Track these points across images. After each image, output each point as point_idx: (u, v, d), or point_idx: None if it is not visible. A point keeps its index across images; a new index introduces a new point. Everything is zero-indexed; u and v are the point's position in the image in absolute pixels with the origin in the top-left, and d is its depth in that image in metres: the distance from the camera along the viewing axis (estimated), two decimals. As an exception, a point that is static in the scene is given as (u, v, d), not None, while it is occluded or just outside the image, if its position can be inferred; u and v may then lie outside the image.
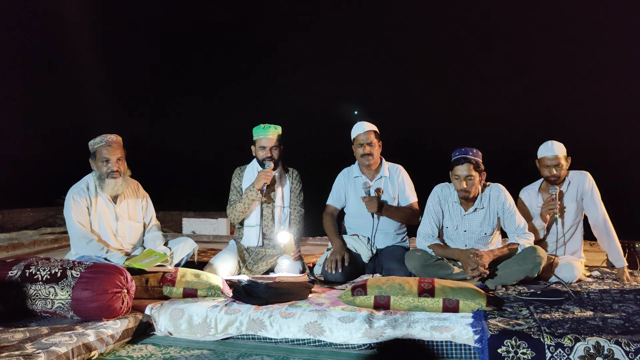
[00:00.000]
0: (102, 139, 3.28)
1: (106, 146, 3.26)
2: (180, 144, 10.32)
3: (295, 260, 3.49)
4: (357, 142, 3.57)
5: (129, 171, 3.39)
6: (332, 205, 3.72)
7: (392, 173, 3.65)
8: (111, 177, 3.26)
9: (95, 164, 3.30)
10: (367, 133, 3.53)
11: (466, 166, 3.10)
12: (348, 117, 9.68)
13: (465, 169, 3.10)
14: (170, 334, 2.61)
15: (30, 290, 2.53)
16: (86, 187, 3.31)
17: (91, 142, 3.32)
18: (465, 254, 3.07)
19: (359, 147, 3.56)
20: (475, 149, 3.18)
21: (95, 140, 3.30)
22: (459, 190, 3.18)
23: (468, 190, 3.14)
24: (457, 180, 3.16)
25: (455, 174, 3.16)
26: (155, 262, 3.04)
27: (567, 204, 3.40)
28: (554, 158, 3.32)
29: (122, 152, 3.33)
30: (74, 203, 3.24)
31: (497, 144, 7.49)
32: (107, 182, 3.27)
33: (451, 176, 3.22)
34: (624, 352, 1.98)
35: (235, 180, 3.67)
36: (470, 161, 3.10)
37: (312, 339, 2.44)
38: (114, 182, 3.27)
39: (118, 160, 3.28)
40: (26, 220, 8.09)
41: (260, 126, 3.52)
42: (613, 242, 3.34)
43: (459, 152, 3.18)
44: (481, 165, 3.16)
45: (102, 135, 3.30)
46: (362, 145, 3.53)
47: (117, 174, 3.26)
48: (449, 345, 2.32)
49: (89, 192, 3.30)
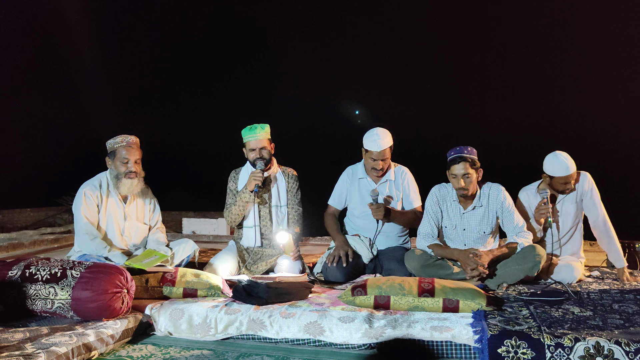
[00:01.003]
0: (123, 139, 3.31)
1: (127, 147, 3.30)
2: (181, 144, 10.33)
3: (294, 259, 3.48)
4: (369, 155, 3.46)
5: (144, 173, 3.41)
6: (332, 206, 3.71)
7: (398, 176, 3.62)
8: (128, 177, 3.30)
9: (113, 163, 3.33)
10: (382, 152, 3.42)
11: (463, 165, 3.11)
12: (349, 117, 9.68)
13: (462, 167, 3.11)
14: (170, 334, 2.61)
15: (30, 290, 2.53)
16: (99, 184, 3.35)
17: (111, 141, 3.34)
18: (464, 253, 3.07)
19: (371, 160, 3.46)
20: (470, 147, 3.19)
21: (116, 140, 3.32)
22: (457, 189, 3.18)
23: (466, 188, 3.15)
24: (454, 179, 3.16)
25: (452, 173, 3.17)
26: (156, 262, 3.04)
27: (567, 205, 3.39)
28: (570, 176, 3.24)
29: (140, 154, 3.37)
30: (84, 199, 3.27)
31: (497, 144, 7.49)
32: (124, 181, 3.30)
33: (448, 176, 3.23)
34: (624, 352, 1.98)
35: (231, 183, 3.67)
36: (467, 159, 3.11)
37: (312, 339, 2.44)
38: (130, 183, 3.31)
39: (136, 161, 3.32)
40: (26, 220, 8.09)
41: (247, 128, 3.51)
42: (613, 242, 3.33)
43: (454, 152, 3.19)
44: (477, 163, 3.17)
45: (123, 136, 3.33)
46: (375, 160, 3.45)
47: (134, 175, 3.30)
48: (449, 345, 2.32)
49: (101, 190, 3.34)
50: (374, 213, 3.39)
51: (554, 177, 3.27)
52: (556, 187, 3.32)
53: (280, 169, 3.66)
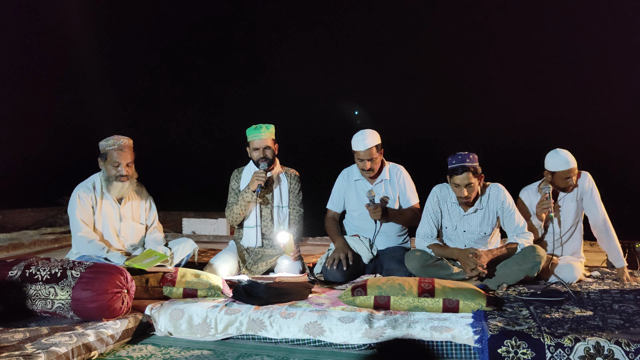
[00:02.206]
0: (114, 142, 3.28)
1: (118, 150, 3.27)
2: (181, 144, 10.33)
3: (294, 260, 3.48)
4: (357, 156, 3.48)
5: (137, 174, 3.40)
6: (332, 210, 3.71)
7: (393, 175, 3.62)
8: (119, 180, 3.28)
9: (104, 165, 3.31)
10: (369, 150, 3.42)
11: (465, 175, 3.08)
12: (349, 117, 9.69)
13: (464, 177, 3.08)
14: (170, 334, 2.61)
15: (30, 290, 2.53)
16: (92, 186, 3.33)
17: (102, 142, 3.31)
18: (464, 253, 3.07)
19: (359, 161, 3.48)
20: (472, 154, 3.14)
21: (108, 142, 3.29)
22: (459, 197, 3.17)
23: (469, 197, 3.15)
24: (457, 189, 3.14)
25: (454, 183, 3.13)
26: (155, 262, 3.04)
27: (567, 204, 3.40)
28: (571, 170, 3.26)
29: (132, 156, 3.34)
30: (79, 201, 3.26)
31: (497, 144, 7.49)
32: (115, 184, 3.29)
33: (450, 184, 3.21)
34: (624, 352, 1.98)
35: (233, 182, 3.66)
36: (469, 169, 3.07)
37: (312, 339, 2.44)
38: (121, 186, 3.29)
39: (128, 164, 3.29)
40: (26, 220, 8.09)
41: (252, 127, 3.50)
42: (613, 242, 3.33)
43: (455, 160, 3.13)
44: (479, 169, 3.14)
45: (115, 138, 3.29)
46: (362, 161, 3.45)
47: (125, 178, 3.29)
48: (449, 345, 2.32)
49: (95, 192, 3.32)
50: (372, 214, 3.39)
51: (556, 173, 3.28)
52: (558, 184, 3.32)
53: (282, 169, 3.66)
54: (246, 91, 10.78)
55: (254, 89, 10.67)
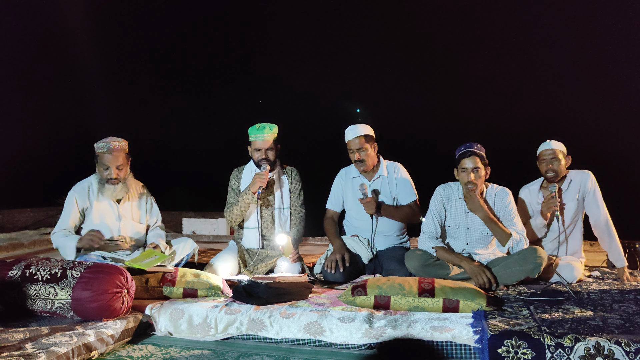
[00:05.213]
0: (104, 145, 3.28)
1: (107, 153, 3.27)
2: (181, 144, 10.33)
3: (293, 262, 3.46)
4: (348, 147, 3.51)
5: (131, 174, 3.40)
6: (331, 209, 3.70)
7: (391, 172, 3.60)
8: (110, 183, 3.30)
9: (97, 167, 3.33)
10: (357, 139, 3.42)
11: (473, 159, 3.13)
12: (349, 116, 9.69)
13: (472, 161, 3.13)
14: (170, 334, 2.61)
15: (30, 290, 2.53)
16: (88, 187, 3.35)
17: (96, 144, 3.33)
18: (473, 269, 3.05)
19: (350, 153, 3.51)
20: (479, 144, 3.23)
21: (99, 145, 3.30)
22: (466, 182, 3.16)
23: (475, 183, 3.14)
24: (464, 173, 3.16)
25: (462, 167, 3.17)
26: (156, 262, 3.04)
27: (567, 202, 3.40)
28: (551, 152, 3.35)
29: (124, 158, 3.33)
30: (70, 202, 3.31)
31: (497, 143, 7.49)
32: (107, 187, 3.31)
33: (457, 171, 3.22)
34: (624, 352, 1.98)
35: (233, 182, 3.63)
36: (477, 154, 3.15)
37: (312, 339, 2.44)
38: (112, 188, 3.31)
39: (118, 167, 3.29)
40: (26, 220, 8.09)
41: (255, 127, 3.45)
42: (614, 242, 3.33)
43: (464, 147, 3.21)
44: (486, 159, 3.19)
45: (106, 141, 3.29)
46: (353, 151, 3.47)
47: (115, 181, 3.29)
48: (449, 345, 2.32)
49: (90, 192, 3.34)
50: (366, 207, 3.37)
51: (539, 156, 3.42)
52: (542, 170, 3.43)
53: (283, 169, 3.63)
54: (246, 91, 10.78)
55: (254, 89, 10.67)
